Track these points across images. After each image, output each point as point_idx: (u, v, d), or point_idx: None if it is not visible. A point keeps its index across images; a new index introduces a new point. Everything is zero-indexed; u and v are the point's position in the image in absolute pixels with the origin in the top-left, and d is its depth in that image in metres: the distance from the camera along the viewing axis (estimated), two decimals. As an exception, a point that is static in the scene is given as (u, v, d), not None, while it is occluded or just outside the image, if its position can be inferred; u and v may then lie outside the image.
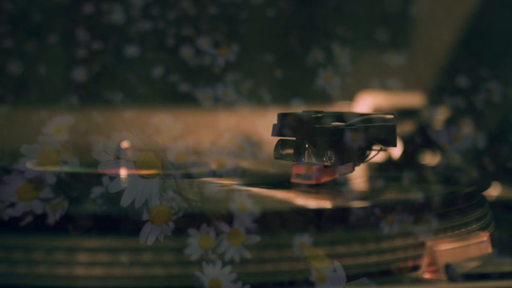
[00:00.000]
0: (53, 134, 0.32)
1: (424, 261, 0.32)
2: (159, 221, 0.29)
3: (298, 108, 0.39)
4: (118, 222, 0.29)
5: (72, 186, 0.31)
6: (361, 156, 0.38)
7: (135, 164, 0.30)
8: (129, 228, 0.29)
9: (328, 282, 0.29)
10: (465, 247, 0.33)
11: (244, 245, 0.29)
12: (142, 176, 0.29)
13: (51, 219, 0.28)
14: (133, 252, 0.29)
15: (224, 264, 0.28)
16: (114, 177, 0.29)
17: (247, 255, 0.29)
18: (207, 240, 0.29)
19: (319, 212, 0.31)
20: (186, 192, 0.31)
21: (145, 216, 0.28)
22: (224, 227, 0.28)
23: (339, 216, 0.31)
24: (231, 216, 0.29)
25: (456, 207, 0.35)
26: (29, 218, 0.28)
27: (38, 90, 0.60)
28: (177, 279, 0.29)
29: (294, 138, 0.36)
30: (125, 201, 0.29)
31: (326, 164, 0.36)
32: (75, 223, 0.29)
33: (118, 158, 0.29)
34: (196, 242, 0.28)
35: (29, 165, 0.42)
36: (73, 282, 0.28)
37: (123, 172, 0.29)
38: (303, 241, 0.29)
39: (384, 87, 0.62)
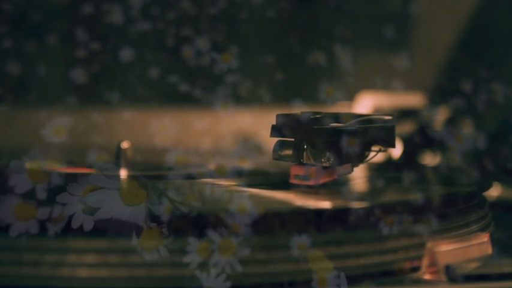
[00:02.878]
0: (52, 135, 0.32)
1: (424, 262, 0.32)
2: (150, 246, 0.28)
3: (298, 109, 0.39)
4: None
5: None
6: (360, 157, 0.38)
7: (120, 194, 0.29)
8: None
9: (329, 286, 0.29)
10: (465, 248, 0.33)
11: (235, 256, 0.28)
12: (128, 204, 0.29)
13: (52, 232, 0.28)
14: (136, 253, 0.29)
15: (218, 274, 0.28)
16: (99, 207, 0.29)
17: (239, 268, 0.28)
18: (205, 248, 0.28)
19: (318, 213, 0.31)
20: (178, 199, 0.31)
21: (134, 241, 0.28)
22: (215, 237, 0.28)
23: (338, 217, 0.31)
24: (223, 223, 0.29)
25: (456, 207, 0.35)
26: (25, 238, 0.28)
27: (37, 91, 0.60)
28: (178, 280, 0.29)
29: (293, 139, 0.36)
30: (111, 232, 0.28)
31: (325, 164, 0.36)
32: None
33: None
34: (194, 250, 0.28)
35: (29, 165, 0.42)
36: (75, 283, 0.28)
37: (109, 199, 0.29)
38: (302, 242, 0.29)
39: (384, 87, 0.61)
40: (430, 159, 0.56)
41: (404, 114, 0.59)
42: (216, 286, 0.28)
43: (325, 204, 0.33)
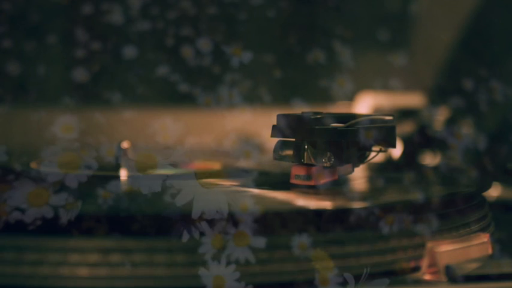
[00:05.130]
0: (61, 133, 0.32)
1: (424, 262, 0.32)
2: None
3: (298, 108, 0.39)
4: (125, 223, 0.29)
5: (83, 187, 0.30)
6: (360, 157, 0.38)
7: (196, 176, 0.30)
8: (135, 229, 0.29)
9: (331, 285, 0.29)
10: (465, 248, 0.33)
11: (249, 247, 0.28)
12: (206, 186, 0.30)
13: (64, 219, 0.28)
14: (142, 252, 0.29)
15: (228, 263, 0.28)
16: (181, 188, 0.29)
17: (252, 258, 0.28)
18: (219, 240, 0.29)
19: (319, 213, 0.31)
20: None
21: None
22: (230, 228, 0.28)
23: (339, 217, 0.31)
24: (236, 217, 0.29)
25: (456, 208, 0.35)
26: (38, 222, 0.28)
27: (37, 91, 0.60)
28: (181, 279, 0.29)
29: (293, 140, 0.36)
30: (195, 214, 0.29)
31: (325, 165, 0.36)
32: (83, 224, 0.29)
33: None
34: (209, 241, 0.28)
35: (33, 165, 0.42)
36: (78, 283, 0.28)
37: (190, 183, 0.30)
38: (302, 242, 0.29)
39: (384, 87, 0.61)
40: (430, 159, 0.56)
41: (404, 114, 0.59)
42: (225, 275, 0.28)
43: (326, 204, 0.33)
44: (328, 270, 0.29)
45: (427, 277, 0.32)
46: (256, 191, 0.36)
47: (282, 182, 0.38)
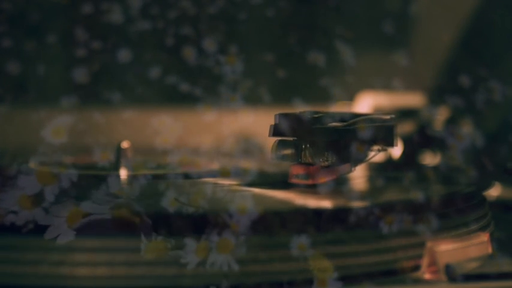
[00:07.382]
0: (52, 137, 0.32)
1: (424, 262, 0.32)
2: (155, 256, 0.28)
3: (299, 108, 0.39)
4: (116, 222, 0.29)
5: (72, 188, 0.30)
6: (360, 157, 0.38)
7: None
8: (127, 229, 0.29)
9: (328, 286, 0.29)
10: (465, 247, 0.33)
11: (233, 255, 0.28)
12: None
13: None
14: (131, 252, 0.29)
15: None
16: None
17: (235, 266, 0.28)
18: (203, 248, 0.28)
19: (318, 212, 0.31)
20: (184, 200, 0.31)
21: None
22: (213, 236, 0.28)
23: (338, 217, 0.31)
24: (222, 221, 0.29)
25: (456, 207, 0.35)
26: (31, 226, 0.28)
27: (37, 90, 0.60)
28: (175, 279, 0.29)
29: (292, 139, 0.36)
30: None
31: (324, 164, 0.36)
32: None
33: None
34: (192, 250, 0.28)
35: (32, 165, 0.42)
36: (71, 282, 0.28)
37: None
38: (302, 241, 0.29)
39: (384, 87, 0.61)
40: (430, 159, 0.56)
41: (404, 114, 0.59)
42: None
43: (325, 204, 0.33)
44: (326, 272, 0.29)
45: (427, 276, 0.32)
46: (255, 190, 0.36)
47: (281, 182, 0.38)
